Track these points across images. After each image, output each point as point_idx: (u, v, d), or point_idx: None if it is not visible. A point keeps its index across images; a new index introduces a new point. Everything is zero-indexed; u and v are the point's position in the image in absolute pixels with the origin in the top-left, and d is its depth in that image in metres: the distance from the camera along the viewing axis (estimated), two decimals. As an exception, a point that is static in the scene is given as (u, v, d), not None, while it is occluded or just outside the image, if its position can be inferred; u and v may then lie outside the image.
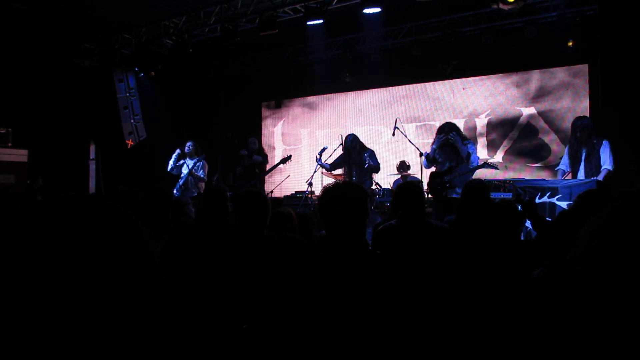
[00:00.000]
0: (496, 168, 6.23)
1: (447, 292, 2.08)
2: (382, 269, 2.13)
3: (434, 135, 6.39)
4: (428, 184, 6.05)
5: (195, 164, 7.63)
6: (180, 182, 7.71)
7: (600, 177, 5.35)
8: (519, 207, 3.91)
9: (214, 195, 3.21)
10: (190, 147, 7.78)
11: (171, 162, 7.78)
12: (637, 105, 6.70)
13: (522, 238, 4.01)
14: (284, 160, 7.78)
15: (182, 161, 7.75)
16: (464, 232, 2.16)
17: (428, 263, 2.58)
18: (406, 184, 3.36)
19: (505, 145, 8.53)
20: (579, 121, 5.73)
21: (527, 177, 7.61)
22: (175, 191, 7.67)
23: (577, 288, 0.71)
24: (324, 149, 7.35)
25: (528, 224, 4.33)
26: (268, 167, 8.42)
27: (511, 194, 5.65)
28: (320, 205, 2.25)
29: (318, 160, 7.30)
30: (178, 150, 7.75)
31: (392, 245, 2.93)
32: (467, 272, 2.08)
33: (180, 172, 7.74)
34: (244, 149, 7.96)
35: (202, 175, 7.66)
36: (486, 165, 6.04)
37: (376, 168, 7.04)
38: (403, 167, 8.04)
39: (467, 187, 3.86)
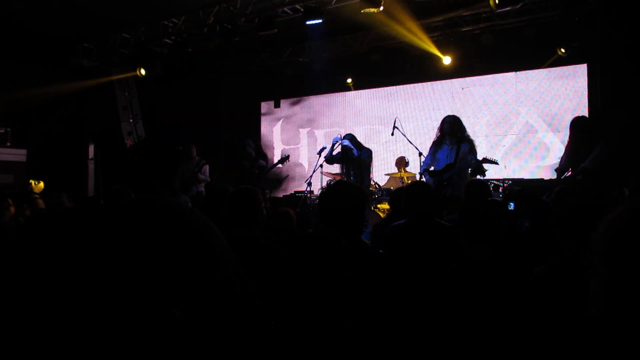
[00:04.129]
0: (496, 163, 5.98)
1: (453, 288, 2.09)
2: (380, 266, 2.14)
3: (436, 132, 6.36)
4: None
5: (203, 165, 7.77)
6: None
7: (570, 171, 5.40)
8: (512, 205, 3.91)
9: (216, 194, 3.21)
10: (193, 149, 7.92)
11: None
12: (636, 105, 6.72)
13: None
14: (282, 161, 7.78)
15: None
16: (469, 230, 2.17)
17: (439, 261, 2.59)
18: (418, 184, 3.34)
19: (504, 145, 8.54)
20: (577, 121, 5.74)
21: (527, 177, 7.62)
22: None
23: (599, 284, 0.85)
24: (323, 149, 7.35)
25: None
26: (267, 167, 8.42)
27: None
28: (318, 204, 2.28)
29: (328, 146, 7.25)
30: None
31: (403, 244, 2.95)
32: (471, 269, 2.09)
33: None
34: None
35: (206, 177, 7.82)
36: (485, 160, 5.93)
37: (358, 159, 6.92)
38: (401, 163, 7.99)
39: (468, 187, 3.87)
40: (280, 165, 8.14)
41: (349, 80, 9.55)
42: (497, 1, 6.30)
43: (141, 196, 0.71)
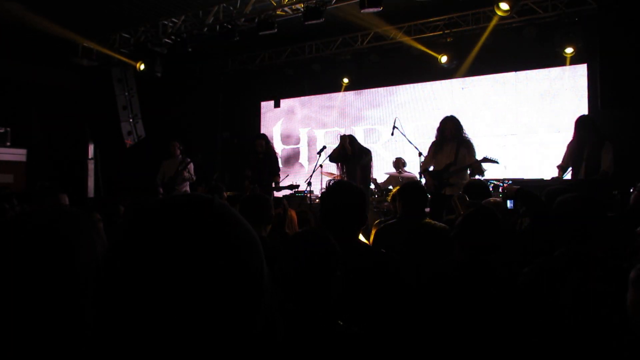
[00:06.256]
0: (496, 162, 5.90)
1: (438, 288, 2.09)
2: (375, 265, 2.15)
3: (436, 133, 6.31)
4: (426, 183, 6.02)
5: (188, 163, 7.68)
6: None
7: (597, 177, 5.34)
8: (511, 202, 3.89)
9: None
10: (175, 146, 7.85)
11: None
12: (635, 106, 6.72)
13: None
14: (291, 187, 7.78)
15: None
16: (464, 233, 2.17)
17: (426, 261, 2.60)
18: (410, 183, 3.40)
19: (504, 145, 8.53)
20: (581, 120, 5.72)
21: (527, 177, 7.60)
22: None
23: None
24: (323, 149, 7.34)
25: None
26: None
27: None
28: (320, 203, 2.31)
29: (328, 146, 7.24)
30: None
31: (392, 243, 2.95)
32: (458, 270, 2.09)
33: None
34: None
35: (192, 175, 7.77)
36: (485, 160, 5.90)
37: (352, 157, 6.88)
38: (399, 163, 7.97)
39: (467, 187, 3.86)
40: (281, 166, 8.09)
41: (345, 81, 9.56)
42: (506, 7, 6.27)
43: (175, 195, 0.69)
